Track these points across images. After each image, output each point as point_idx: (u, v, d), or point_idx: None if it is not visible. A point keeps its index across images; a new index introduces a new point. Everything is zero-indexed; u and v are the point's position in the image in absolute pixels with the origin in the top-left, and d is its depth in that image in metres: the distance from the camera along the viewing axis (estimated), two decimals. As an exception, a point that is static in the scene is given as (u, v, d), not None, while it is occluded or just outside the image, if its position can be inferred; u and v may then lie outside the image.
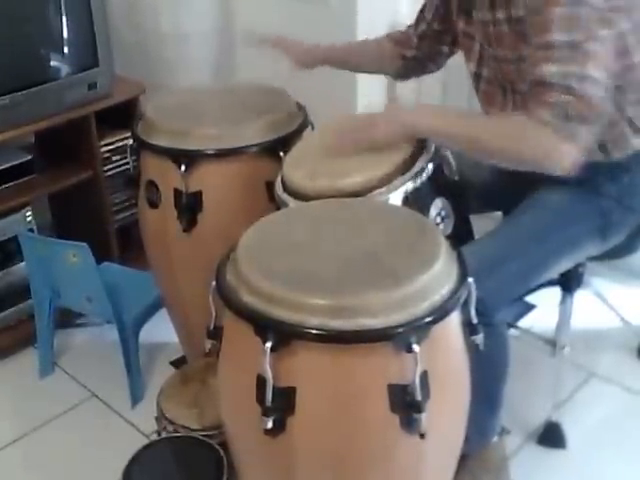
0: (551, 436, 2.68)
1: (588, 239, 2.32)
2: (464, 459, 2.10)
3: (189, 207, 2.47)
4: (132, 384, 2.93)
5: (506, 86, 2.30)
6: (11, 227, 3.11)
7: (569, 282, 2.53)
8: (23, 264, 3.09)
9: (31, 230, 3.17)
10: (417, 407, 1.69)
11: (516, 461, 2.58)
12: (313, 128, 2.63)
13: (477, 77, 2.40)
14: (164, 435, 2.38)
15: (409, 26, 2.66)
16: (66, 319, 3.25)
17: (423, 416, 1.69)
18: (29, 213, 3.17)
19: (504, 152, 2.05)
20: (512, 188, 2.36)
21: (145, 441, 2.58)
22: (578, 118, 1.95)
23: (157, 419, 2.43)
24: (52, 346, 3.13)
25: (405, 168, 2.11)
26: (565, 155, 1.98)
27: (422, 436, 1.72)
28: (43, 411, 2.94)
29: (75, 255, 2.76)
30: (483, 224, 2.36)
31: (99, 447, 2.77)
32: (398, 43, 2.65)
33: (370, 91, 2.72)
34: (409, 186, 2.09)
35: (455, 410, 1.90)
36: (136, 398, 2.95)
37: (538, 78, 1.99)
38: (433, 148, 2.18)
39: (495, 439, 2.41)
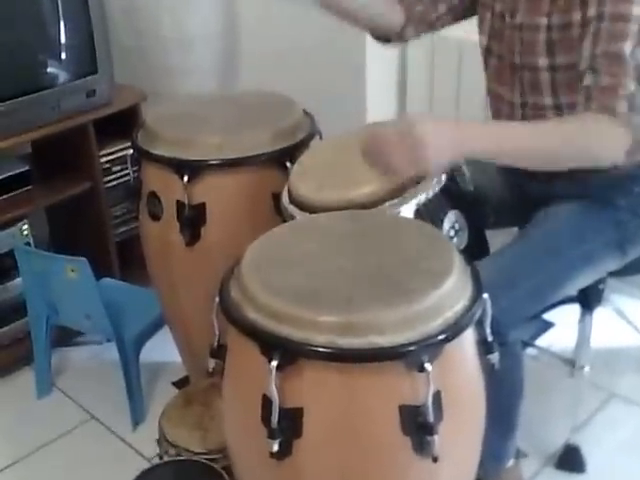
0: (570, 460, 2.63)
1: (605, 253, 2.28)
2: None
3: (192, 220, 2.43)
4: (133, 405, 2.88)
5: (516, 62, 2.25)
6: (7, 241, 3.06)
7: (588, 299, 2.48)
8: (19, 280, 3.05)
9: (28, 244, 3.12)
10: (430, 429, 1.65)
11: (534, 485, 2.54)
12: (321, 137, 2.60)
13: (487, 52, 2.37)
14: (166, 459, 2.37)
15: None
16: (64, 337, 3.21)
17: (436, 438, 1.65)
18: (26, 226, 3.13)
19: (583, 157, 2.02)
20: (526, 202, 2.35)
21: (146, 465, 2.56)
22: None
23: (159, 442, 2.42)
24: (49, 366, 3.09)
25: (417, 179, 2.06)
26: (626, 146, 2.00)
27: (435, 459, 1.68)
28: (40, 434, 2.90)
29: (73, 270, 2.71)
30: (498, 240, 2.31)
31: (99, 471, 2.72)
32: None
33: (380, 98, 2.66)
34: (422, 198, 2.05)
35: (470, 432, 1.85)
36: (137, 420, 2.90)
37: (613, 52, 1.99)
38: None
39: (511, 463, 2.35)
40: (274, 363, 1.62)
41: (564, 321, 2.62)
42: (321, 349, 1.60)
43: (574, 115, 2.08)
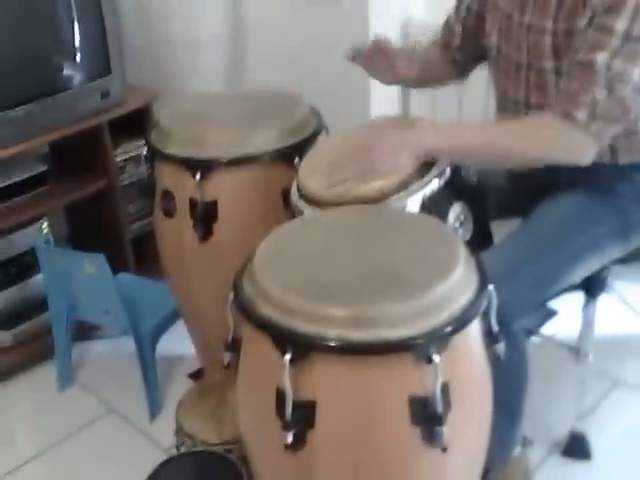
0: (576, 447, 2.64)
1: (608, 241, 2.30)
2: (486, 473, 2.06)
3: (205, 216, 2.45)
4: (150, 397, 2.91)
5: (522, 62, 2.27)
6: (28, 239, 3.12)
7: (592, 286, 2.49)
8: (40, 276, 3.08)
9: (47, 242, 3.17)
10: (438, 419, 1.67)
11: (540, 473, 2.55)
12: (327, 133, 2.60)
13: (497, 50, 2.38)
14: (183, 449, 2.38)
15: (445, 22, 2.60)
16: (83, 331, 3.24)
17: (445, 428, 1.67)
18: (45, 224, 3.18)
19: (535, 156, 2.11)
20: (529, 193, 2.35)
21: (164, 455, 2.57)
22: (607, 118, 2.03)
23: (176, 433, 2.42)
24: (70, 359, 3.12)
25: (422, 172, 2.08)
26: (590, 151, 2.08)
27: (444, 449, 1.70)
28: (62, 426, 2.94)
29: (91, 266, 2.75)
30: (502, 230, 2.33)
31: (118, 461, 2.76)
32: (445, 47, 2.59)
33: (384, 94, 2.68)
34: (427, 191, 2.06)
35: (477, 422, 1.87)
36: (154, 411, 2.93)
37: (586, 61, 2.04)
38: None
39: (517, 451, 2.38)
40: (287, 357, 1.64)
41: (568, 309, 2.58)
42: (332, 343, 1.62)
43: (535, 114, 2.16)
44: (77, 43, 3.06)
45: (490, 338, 1.84)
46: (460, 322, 1.68)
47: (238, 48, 3.63)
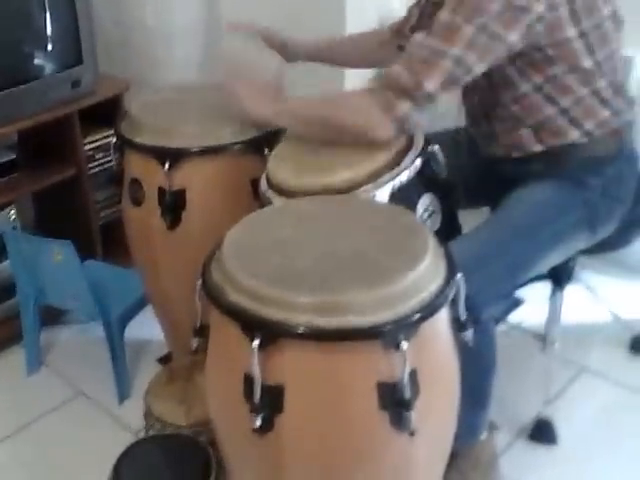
0: (542, 432, 2.67)
1: (575, 232, 2.32)
2: (453, 457, 2.10)
3: (173, 205, 2.46)
4: (119, 381, 2.93)
5: None
6: None
7: (559, 276, 2.53)
8: (7, 262, 3.08)
9: (15, 228, 3.16)
10: (406, 405, 1.69)
11: (506, 457, 2.57)
12: None
13: None
14: (152, 432, 2.38)
15: (407, 10, 2.63)
16: (52, 316, 3.24)
17: (412, 414, 1.69)
18: (13, 211, 3.17)
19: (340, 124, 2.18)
20: (498, 182, 2.36)
21: (133, 438, 2.58)
22: (400, 91, 2.06)
23: (145, 416, 2.43)
24: (38, 344, 3.13)
25: (392, 164, 2.10)
26: (381, 123, 2.11)
27: (412, 434, 1.72)
28: (30, 409, 2.94)
29: (59, 253, 2.75)
30: (471, 219, 2.35)
31: (87, 444, 2.77)
32: (397, 32, 2.61)
33: (357, 85, 2.66)
34: (396, 182, 2.08)
35: (445, 407, 1.90)
36: (123, 395, 2.94)
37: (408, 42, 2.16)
38: (421, 144, 2.17)
39: (484, 436, 2.41)
40: (256, 342, 1.65)
41: (535, 298, 2.65)
42: (300, 329, 1.64)
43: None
44: (49, 32, 3.05)
45: (458, 325, 1.86)
46: (428, 310, 1.70)
47: (211, 39, 3.61)
